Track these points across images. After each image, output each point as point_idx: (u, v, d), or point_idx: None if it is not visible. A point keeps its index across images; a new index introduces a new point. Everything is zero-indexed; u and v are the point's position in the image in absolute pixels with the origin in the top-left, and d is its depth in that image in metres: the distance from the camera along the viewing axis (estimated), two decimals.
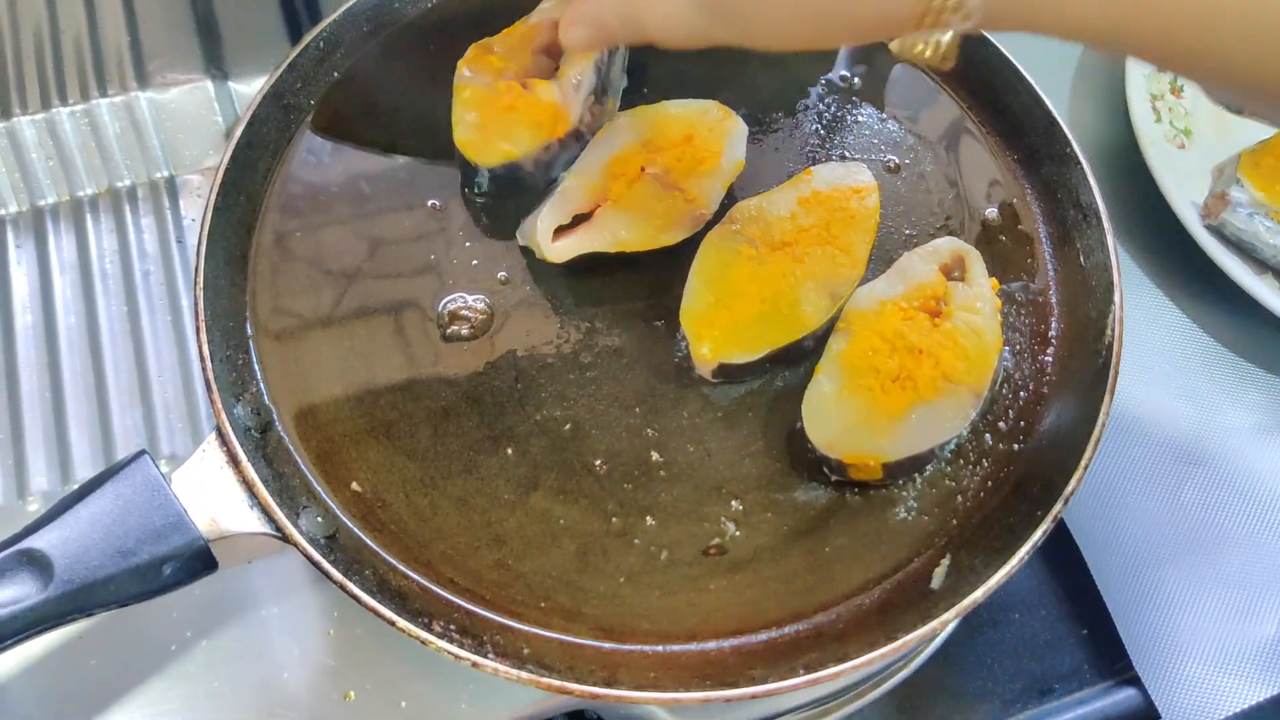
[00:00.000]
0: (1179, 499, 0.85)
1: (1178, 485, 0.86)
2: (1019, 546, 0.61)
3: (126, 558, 0.57)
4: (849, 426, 0.63)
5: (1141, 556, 0.83)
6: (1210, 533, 0.84)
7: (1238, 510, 0.85)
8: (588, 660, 0.60)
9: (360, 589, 0.59)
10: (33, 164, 0.79)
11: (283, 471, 0.64)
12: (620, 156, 0.70)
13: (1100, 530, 0.84)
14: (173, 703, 0.67)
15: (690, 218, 0.69)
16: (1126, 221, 0.98)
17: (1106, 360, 0.67)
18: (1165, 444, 0.88)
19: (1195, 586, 0.82)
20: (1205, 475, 0.87)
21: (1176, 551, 0.83)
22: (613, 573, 0.63)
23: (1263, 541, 0.84)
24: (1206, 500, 0.85)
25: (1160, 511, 0.85)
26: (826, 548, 0.64)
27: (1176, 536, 0.84)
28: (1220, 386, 0.92)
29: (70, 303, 0.76)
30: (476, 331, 0.69)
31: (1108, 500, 0.85)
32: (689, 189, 0.69)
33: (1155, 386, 0.91)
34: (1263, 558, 0.83)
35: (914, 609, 0.61)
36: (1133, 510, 0.85)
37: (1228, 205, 0.90)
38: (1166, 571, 0.82)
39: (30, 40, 0.81)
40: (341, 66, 0.76)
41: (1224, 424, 0.90)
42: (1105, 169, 1.00)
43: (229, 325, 0.67)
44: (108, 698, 0.67)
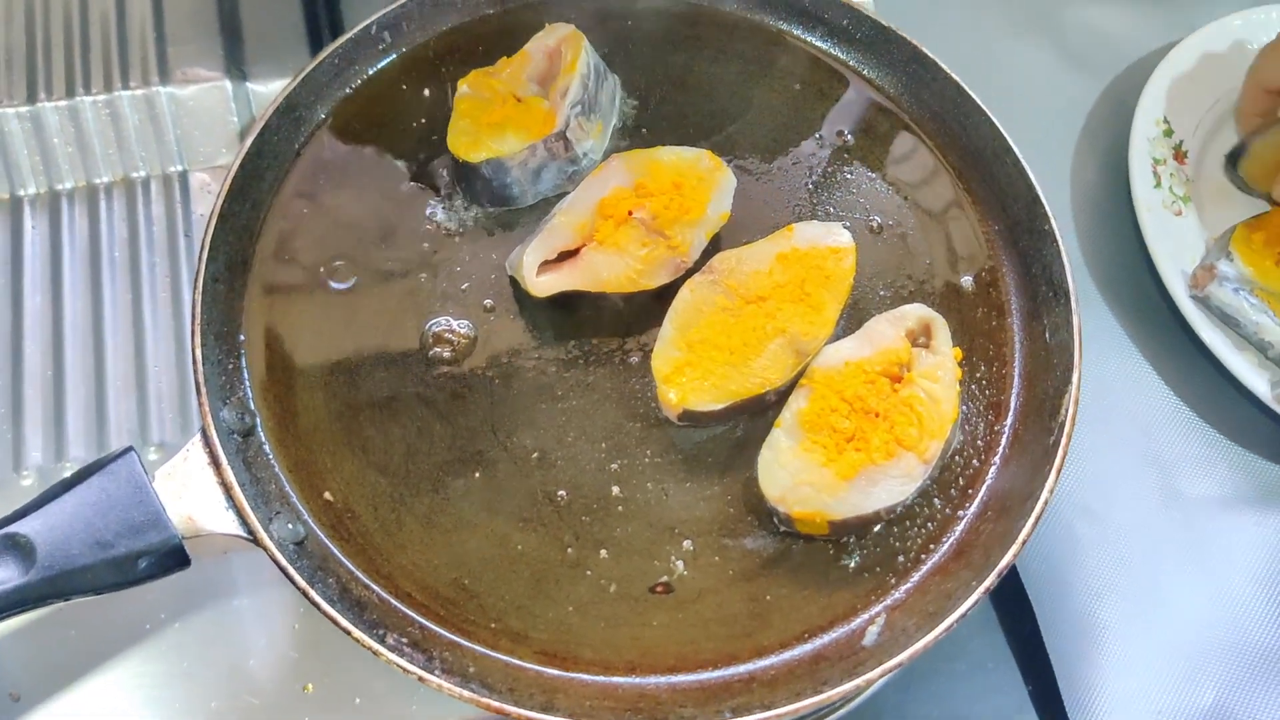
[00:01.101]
0: (1134, 564, 0.88)
1: (1134, 551, 0.88)
2: (951, 613, 0.64)
3: (105, 549, 0.61)
4: (799, 483, 0.66)
5: (1092, 618, 0.86)
6: (1161, 601, 0.86)
7: (1191, 581, 0.87)
8: (529, 684, 0.63)
9: (321, 596, 0.62)
10: (54, 148, 0.83)
11: (260, 476, 0.67)
12: (610, 198, 0.73)
13: (1054, 589, 0.87)
14: (145, 679, 0.71)
15: (671, 265, 0.72)
16: (1115, 283, 1.00)
17: (1058, 439, 0.69)
18: (1127, 509, 0.90)
19: (1142, 652, 0.84)
20: (1163, 544, 0.89)
21: (1127, 616, 0.86)
22: (563, 601, 0.66)
23: (1211, 614, 0.86)
24: (1161, 568, 0.88)
25: (1115, 575, 0.87)
26: (768, 595, 0.67)
27: (1128, 601, 0.86)
28: (1189, 456, 0.94)
29: (78, 287, 0.80)
30: (458, 355, 0.72)
31: (1065, 559, 0.88)
32: (673, 236, 0.72)
33: (1123, 450, 0.93)
34: (1209, 630, 0.86)
35: (844, 662, 0.64)
36: (1088, 570, 0.87)
37: (1215, 278, 0.91)
38: (1115, 635, 0.85)
39: (60, 28, 0.84)
40: (353, 83, 0.79)
41: (1188, 494, 0.92)
42: (1101, 229, 1.02)
43: (223, 329, 0.70)
44: (83, 669, 0.71)
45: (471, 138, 0.74)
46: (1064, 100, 1.10)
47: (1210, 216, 1.00)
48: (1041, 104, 1.10)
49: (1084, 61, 1.13)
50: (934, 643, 0.63)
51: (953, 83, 0.80)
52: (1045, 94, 1.10)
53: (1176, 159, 1.03)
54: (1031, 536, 0.66)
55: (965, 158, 0.81)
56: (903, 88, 0.83)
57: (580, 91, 0.75)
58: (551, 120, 0.74)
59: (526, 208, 0.77)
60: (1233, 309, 0.91)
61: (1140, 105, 1.02)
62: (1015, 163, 0.77)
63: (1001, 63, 1.12)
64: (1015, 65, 1.12)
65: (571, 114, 0.75)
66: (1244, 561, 0.89)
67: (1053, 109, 1.09)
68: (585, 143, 0.76)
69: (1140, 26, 1.16)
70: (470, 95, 0.76)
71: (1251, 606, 0.88)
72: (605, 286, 0.71)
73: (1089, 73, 1.12)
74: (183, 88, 0.84)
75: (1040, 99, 1.10)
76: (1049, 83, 1.11)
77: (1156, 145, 1.02)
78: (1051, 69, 1.12)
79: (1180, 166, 1.03)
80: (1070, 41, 1.14)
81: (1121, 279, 1.00)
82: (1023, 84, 1.11)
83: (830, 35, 0.85)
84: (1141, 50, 1.13)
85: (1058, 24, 1.15)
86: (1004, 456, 0.71)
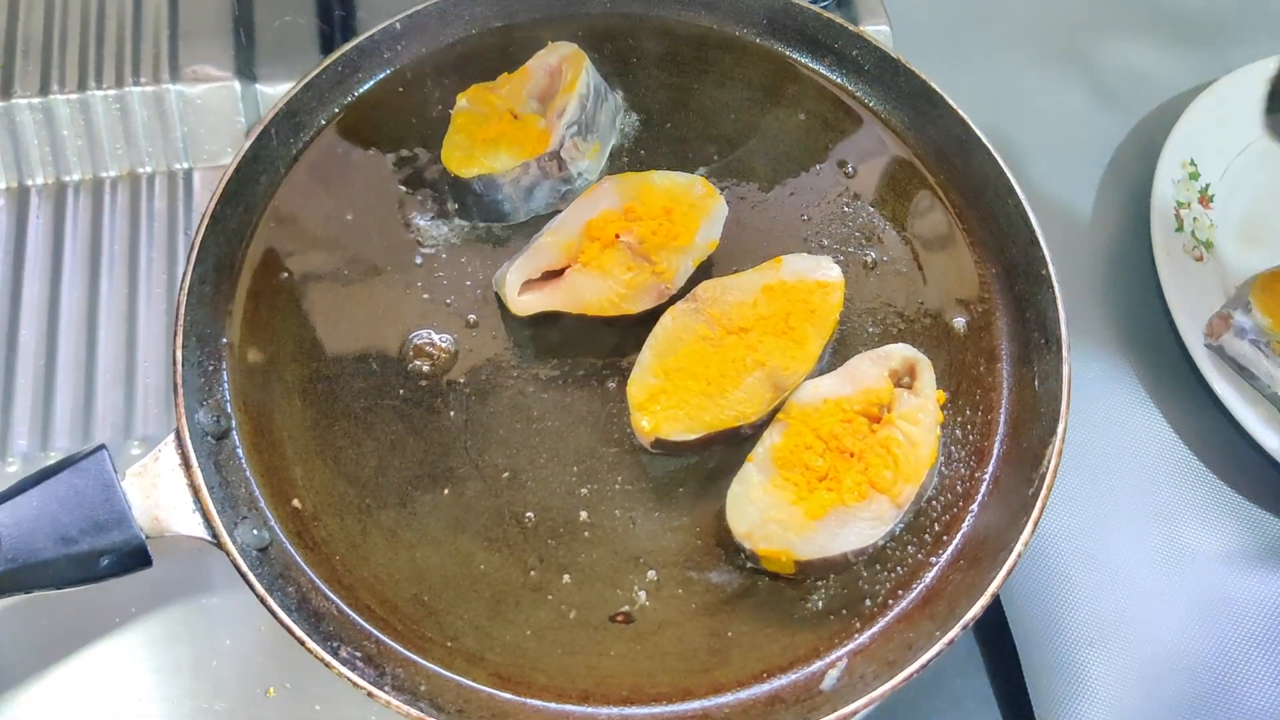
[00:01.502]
0: (1129, 615, 0.86)
1: (1130, 601, 0.87)
2: (911, 663, 0.63)
3: (69, 545, 0.62)
4: (768, 519, 0.65)
5: (1081, 666, 0.84)
6: (1155, 655, 0.84)
7: (1188, 636, 0.85)
8: (479, 706, 0.63)
9: (279, 604, 0.63)
10: (64, 140, 0.84)
11: (230, 480, 0.67)
12: (598, 220, 0.72)
13: (1043, 633, 0.85)
14: (109, 673, 0.71)
15: (655, 290, 0.71)
16: (1129, 325, 0.98)
17: (1037, 491, 0.68)
18: (1126, 557, 0.88)
19: (1130, 705, 0.82)
20: (1161, 596, 0.87)
21: (1117, 667, 0.84)
22: (522, 624, 0.65)
23: (1206, 672, 0.84)
24: (1158, 621, 0.86)
25: (1108, 624, 0.85)
26: (729, 632, 0.66)
27: (1120, 652, 0.84)
28: (1193, 507, 0.92)
29: (76, 279, 0.81)
30: (437, 369, 0.72)
31: (1057, 603, 0.86)
32: (659, 262, 0.72)
33: (1126, 496, 0.91)
34: (1202, 688, 0.83)
35: (800, 705, 0.63)
36: (1081, 617, 0.86)
37: (1230, 327, 0.89)
38: (1104, 685, 0.83)
39: (76, 22, 0.86)
40: (356, 91, 0.80)
41: (1191, 546, 0.90)
42: (1120, 270, 1.00)
43: (206, 331, 0.71)
44: (50, 660, 0.72)
45: (465, 152, 0.74)
46: (1091, 137, 1.08)
47: (1234, 265, 0.98)
48: (1067, 140, 1.08)
49: (1114, 99, 1.10)
50: (891, 693, 0.62)
51: (959, 119, 0.79)
52: (1071, 130, 1.08)
53: (1201, 203, 1.01)
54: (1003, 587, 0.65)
55: (966, 196, 0.79)
56: (908, 122, 0.82)
57: (578, 112, 0.75)
58: (546, 139, 0.74)
59: (518, 225, 0.77)
60: (1248, 360, 0.89)
61: (1167, 146, 1.00)
62: (1017, 204, 0.76)
63: (1028, 97, 1.10)
64: (1042, 100, 1.10)
65: (567, 134, 0.74)
66: (1244, 620, 0.87)
67: (1078, 145, 1.08)
68: (580, 163, 0.76)
69: (1174, 66, 1.13)
70: (468, 110, 0.76)
71: (1249, 667, 0.85)
72: (587, 309, 0.71)
73: (1118, 110, 1.10)
74: (192, 86, 0.85)
75: (1066, 135, 1.08)
76: (1076, 119, 1.09)
77: (1181, 188, 1.00)
78: (1080, 105, 1.10)
79: (1205, 210, 1.00)
80: (1101, 78, 1.12)
81: (1137, 322, 0.98)
82: (1048, 119, 1.09)
83: (838, 65, 0.84)
84: (1174, 90, 1.10)
85: (1089, 60, 1.13)
86: (981, 504, 0.70)
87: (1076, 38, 1.15)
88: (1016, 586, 0.86)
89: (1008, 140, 0.82)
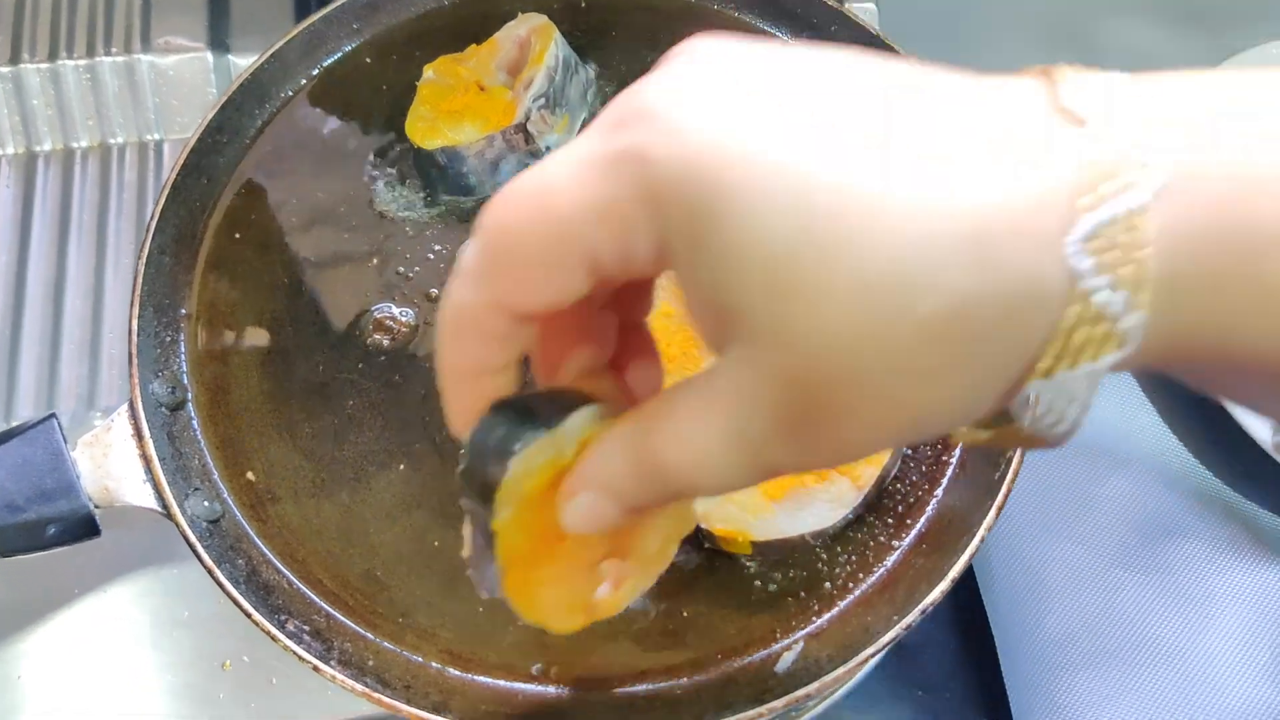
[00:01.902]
0: (1105, 607, 0.85)
1: (1113, 595, 0.85)
2: (867, 647, 0.62)
3: (14, 513, 0.61)
4: (725, 500, 0.64)
5: (1056, 657, 0.83)
6: (1131, 645, 0.83)
7: (1169, 631, 0.84)
8: (426, 683, 0.62)
9: (227, 577, 0.62)
10: (34, 110, 0.83)
11: (184, 451, 0.67)
12: None
13: (1018, 623, 0.84)
14: (64, 645, 0.71)
15: None
16: None
17: (1003, 475, 0.66)
18: (1106, 548, 0.87)
19: (1106, 698, 0.81)
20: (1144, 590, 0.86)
21: (1092, 657, 0.82)
22: (474, 601, 0.64)
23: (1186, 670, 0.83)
24: (1140, 615, 0.84)
25: (1084, 615, 0.84)
26: (685, 612, 0.65)
27: (1097, 642, 0.83)
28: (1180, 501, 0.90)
29: (44, 249, 0.81)
30: (397, 344, 0.71)
31: (1031, 594, 0.85)
32: None
33: (1108, 484, 0.90)
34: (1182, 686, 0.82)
35: (752, 688, 0.62)
36: (1055, 608, 0.84)
37: None
38: (1080, 677, 0.82)
39: None
40: (323, 62, 0.79)
41: (1173, 535, 0.88)
42: None
43: (164, 302, 0.70)
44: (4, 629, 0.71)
45: (429, 124, 0.73)
46: None
47: None
48: None
49: None
50: (846, 677, 0.61)
51: None
52: None
53: None
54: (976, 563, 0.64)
55: None
56: None
57: (545, 84, 0.74)
58: (513, 111, 0.73)
59: (485, 199, 0.75)
60: None
61: None
62: None
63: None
64: None
65: (534, 106, 0.73)
66: (1228, 617, 0.85)
67: None
68: (549, 136, 0.75)
69: (1175, 50, 1.11)
70: (434, 81, 0.75)
71: (1232, 662, 0.84)
72: None
73: None
74: (164, 57, 0.84)
75: None
76: None
77: None
78: None
79: None
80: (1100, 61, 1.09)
81: None
82: None
83: (817, 41, 0.82)
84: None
85: (1090, 42, 1.11)
86: (945, 489, 0.68)
87: (1075, 20, 1.12)
88: (995, 576, 0.85)
89: None
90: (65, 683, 0.70)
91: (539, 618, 0.49)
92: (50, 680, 0.70)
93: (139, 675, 0.70)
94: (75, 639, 0.71)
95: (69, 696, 0.69)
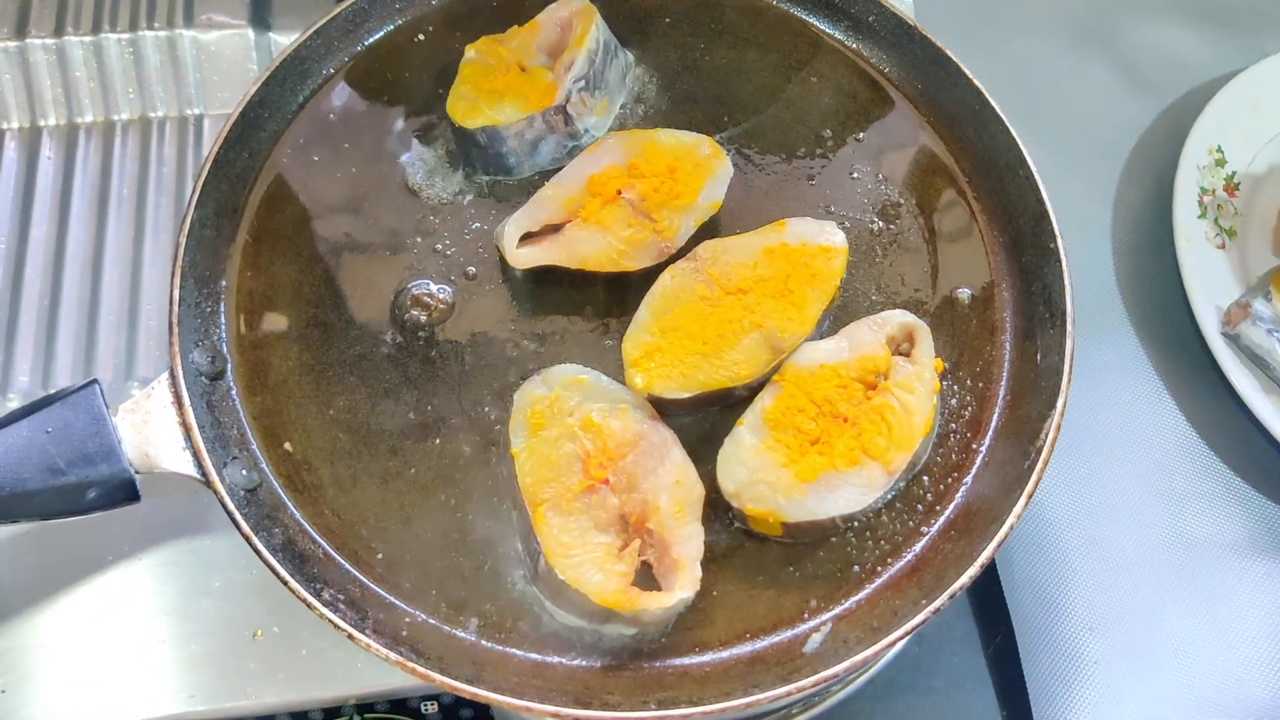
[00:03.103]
0: (1131, 601, 0.85)
1: (1133, 587, 0.86)
2: (895, 630, 0.62)
3: (56, 475, 0.62)
4: (757, 480, 0.65)
5: (1079, 650, 0.83)
6: (1155, 642, 0.83)
7: (1189, 625, 0.84)
8: (460, 654, 0.63)
9: (264, 545, 0.63)
10: (77, 82, 0.84)
11: (222, 420, 0.68)
12: (601, 175, 0.72)
13: (1042, 616, 0.84)
14: (98, 610, 0.72)
15: (655, 248, 0.71)
16: (1147, 310, 0.97)
17: (1033, 464, 0.67)
18: (1131, 543, 0.87)
19: (1127, 692, 0.82)
20: (1165, 583, 0.86)
21: (1116, 653, 0.83)
22: (508, 576, 0.65)
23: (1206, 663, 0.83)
24: (1160, 609, 0.85)
25: (1109, 610, 0.85)
26: (714, 590, 0.65)
27: (1120, 638, 0.83)
28: (1202, 495, 0.91)
29: (84, 219, 0.81)
30: (434, 320, 0.72)
31: (1057, 587, 0.85)
32: (660, 220, 0.71)
33: (1134, 481, 0.90)
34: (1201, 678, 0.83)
35: (780, 668, 0.63)
36: (1081, 602, 0.85)
37: (1248, 316, 0.88)
38: (1101, 670, 0.82)
39: None
40: (365, 40, 0.80)
41: (1197, 534, 0.89)
42: (1139, 254, 0.99)
43: (205, 274, 0.71)
44: (42, 594, 0.72)
45: (470, 103, 0.74)
46: (1117, 119, 1.06)
47: (1256, 254, 0.96)
48: (1092, 121, 1.06)
49: (1141, 82, 1.09)
50: (873, 659, 0.62)
51: (974, 89, 0.78)
52: (1097, 111, 1.07)
53: (1227, 190, 0.99)
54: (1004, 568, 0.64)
55: (977, 166, 0.78)
56: (922, 90, 0.81)
57: (585, 66, 0.74)
58: (552, 93, 0.74)
59: (524, 179, 0.76)
60: (1264, 350, 0.88)
61: (1194, 131, 0.99)
62: (1028, 176, 0.75)
63: (1053, 77, 1.08)
64: (1067, 80, 1.08)
65: (574, 88, 0.74)
66: (1248, 611, 0.86)
67: (1104, 127, 1.06)
68: (587, 118, 0.75)
69: (1205, 50, 1.11)
70: (475, 61, 0.75)
71: (1251, 660, 0.84)
72: (585, 264, 0.71)
73: (1145, 94, 1.08)
74: (206, 32, 0.85)
75: (1091, 116, 1.06)
76: (1102, 100, 1.08)
77: (1206, 174, 0.98)
78: (1106, 87, 1.08)
79: (1230, 199, 0.99)
80: (1130, 60, 1.10)
81: (1154, 307, 0.97)
82: (1073, 100, 1.07)
83: (854, 31, 0.83)
84: (1203, 75, 1.08)
85: (1118, 41, 1.11)
86: (976, 476, 0.69)
87: (1106, 18, 1.13)
88: (1017, 568, 0.85)
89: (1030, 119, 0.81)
90: (95, 649, 0.71)
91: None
92: (79, 646, 0.71)
93: (169, 644, 0.71)
94: (106, 605, 0.72)
95: (98, 662, 0.70)
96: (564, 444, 0.65)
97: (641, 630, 0.63)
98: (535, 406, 0.66)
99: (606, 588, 0.61)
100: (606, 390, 0.67)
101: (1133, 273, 0.99)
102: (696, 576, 0.62)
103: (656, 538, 0.63)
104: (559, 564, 0.61)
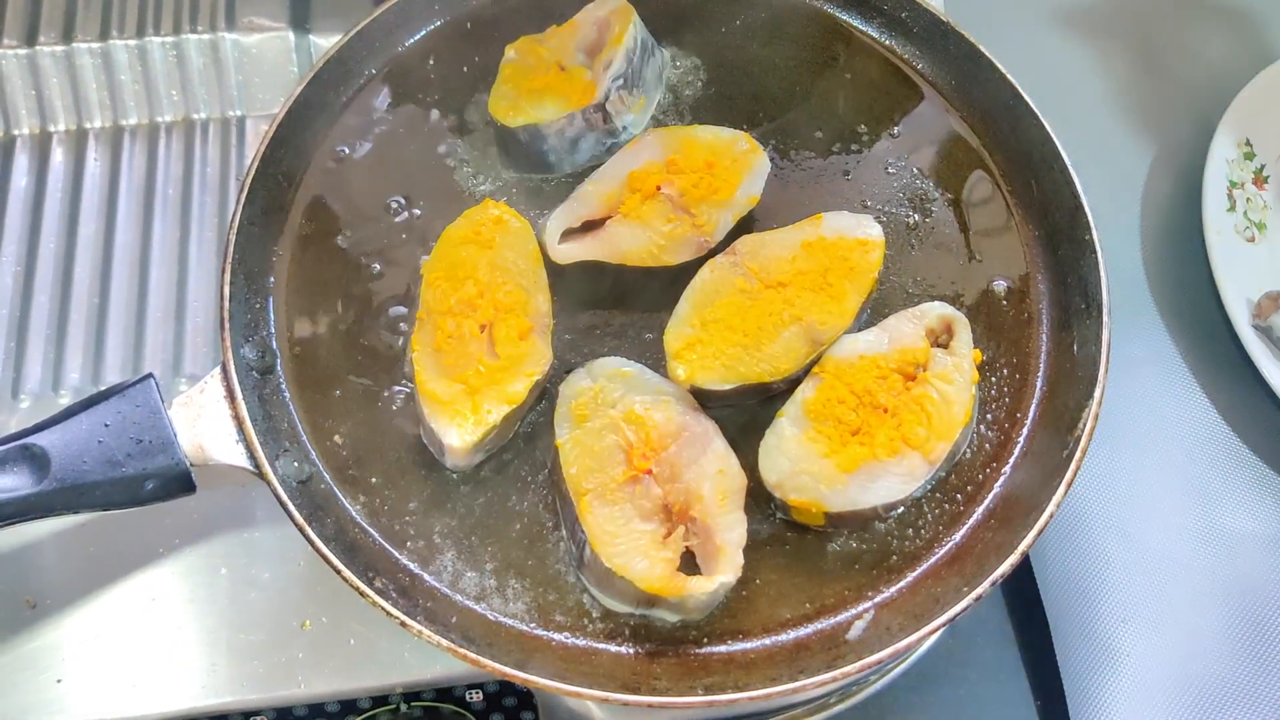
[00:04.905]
0: (1164, 594, 0.85)
1: (1166, 580, 0.86)
2: (937, 617, 0.63)
3: (115, 468, 0.63)
4: (799, 471, 0.66)
5: (1113, 642, 0.83)
6: (1188, 634, 0.84)
7: (1222, 618, 0.84)
8: (508, 641, 0.64)
9: (317, 535, 0.64)
10: (121, 85, 0.86)
11: (274, 414, 0.69)
12: (641, 171, 0.73)
13: (1076, 608, 0.85)
14: (150, 601, 0.73)
15: (694, 243, 0.72)
16: (1177, 303, 0.97)
17: (1071, 453, 0.67)
18: (1164, 536, 0.87)
19: (1161, 684, 0.82)
20: (1198, 576, 0.86)
21: (1150, 645, 0.83)
22: (554, 562, 0.66)
23: (1239, 656, 0.83)
24: (1193, 601, 0.85)
25: (1143, 602, 0.85)
26: (758, 579, 0.66)
27: (1153, 630, 0.84)
28: (1235, 489, 0.91)
29: (130, 220, 0.83)
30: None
31: (1091, 579, 0.85)
32: (699, 215, 0.72)
33: (1166, 475, 0.90)
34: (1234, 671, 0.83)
35: (825, 654, 0.64)
36: (1115, 594, 0.85)
37: (1279, 309, 0.88)
38: (1135, 663, 0.83)
39: None
40: (406, 41, 0.81)
41: (1231, 528, 0.89)
42: (1169, 247, 0.99)
43: (253, 269, 0.72)
44: (96, 584, 0.74)
45: (511, 103, 0.75)
46: (1146, 113, 1.07)
47: None
48: (1121, 115, 1.07)
49: (1170, 75, 1.09)
50: (916, 645, 0.63)
51: (1007, 84, 0.78)
52: (1126, 105, 1.07)
53: (1256, 184, 0.99)
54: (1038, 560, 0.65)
55: (1012, 161, 0.79)
56: (956, 86, 0.82)
57: (624, 65, 0.75)
58: (592, 91, 0.75)
59: (564, 176, 0.77)
60: None
61: (1222, 124, 0.99)
62: (1063, 170, 0.75)
63: (1083, 70, 1.09)
64: (1097, 74, 1.09)
65: (613, 86, 0.75)
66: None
67: (1132, 121, 1.06)
68: (625, 116, 0.77)
69: (1233, 44, 1.11)
70: (515, 61, 0.77)
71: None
72: (625, 259, 0.72)
73: (1174, 87, 1.08)
74: (247, 35, 0.86)
75: (1120, 110, 1.07)
76: (1131, 94, 1.08)
77: (1235, 167, 0.98)
78: (1136, 80, 1.09)
79: (1259, 192, 0.99)
80: (1158, 54, 1.11)
81: (1184, 300, 0.97)
82: (1103, 93, 1.08)
83: (888, 27, 0.84)
84: (1232, 68, 1.08)
85: (1147, 37, 1.12)
86: (1015, 465, 0.70)
87: (1136, 13, 1.13)
88: (1051, 560, 0.86)
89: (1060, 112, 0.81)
90: (148, 639, 0.72)
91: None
92: (133, 637, 0.72)
93: (220, 634, 0.72)
94: (159, 597, 0.73)
95: (152, 653, 0.72)
96: (608, 435, 0.66)
97: (685, 616, 0.64)
98: (579, 398, 0.67)
99: (652, 574, 0.62)
100: (649, 382, 0.68)
101: (1162, 266, 0.99)
102: (739, 562, 0.63)
103: (700, 525, 0.64)
104: (604, 551, 0.62)
